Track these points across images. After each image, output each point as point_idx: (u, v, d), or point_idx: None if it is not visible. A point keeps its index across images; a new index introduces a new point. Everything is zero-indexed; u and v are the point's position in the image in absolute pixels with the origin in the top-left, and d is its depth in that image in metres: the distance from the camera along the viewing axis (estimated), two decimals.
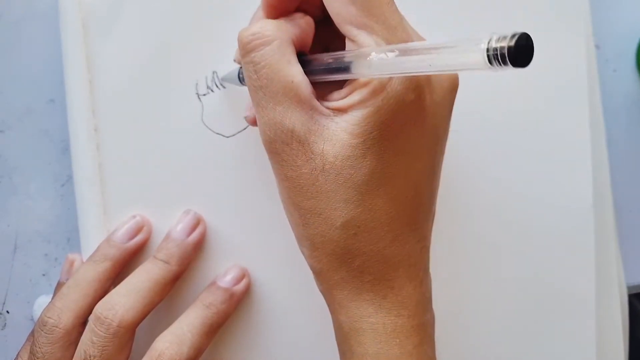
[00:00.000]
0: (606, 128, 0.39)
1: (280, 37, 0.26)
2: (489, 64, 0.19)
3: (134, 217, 0.36)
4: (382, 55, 0.23)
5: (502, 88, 0.37)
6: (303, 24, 0.28)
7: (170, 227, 0.35)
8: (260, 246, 0.36)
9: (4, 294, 0.39)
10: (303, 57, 0.27)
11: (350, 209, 0.26)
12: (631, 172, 0.42)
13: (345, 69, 0.25)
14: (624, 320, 0.39)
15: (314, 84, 0.27)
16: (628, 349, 0.40)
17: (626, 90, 0.42)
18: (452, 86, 0.28)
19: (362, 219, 0.27)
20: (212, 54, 0.36)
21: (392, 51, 0.23)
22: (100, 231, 0.36)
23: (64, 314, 0.32)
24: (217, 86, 0.36)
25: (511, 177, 0.37)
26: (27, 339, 0.35)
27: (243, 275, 0.36)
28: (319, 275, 0.29)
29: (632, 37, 0.42)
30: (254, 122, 0.32)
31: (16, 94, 0.39)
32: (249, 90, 0.27)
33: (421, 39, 0.29)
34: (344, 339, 0.29)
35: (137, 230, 0.35)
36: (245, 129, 0.36)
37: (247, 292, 0.36)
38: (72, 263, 0.36)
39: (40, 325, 0.32)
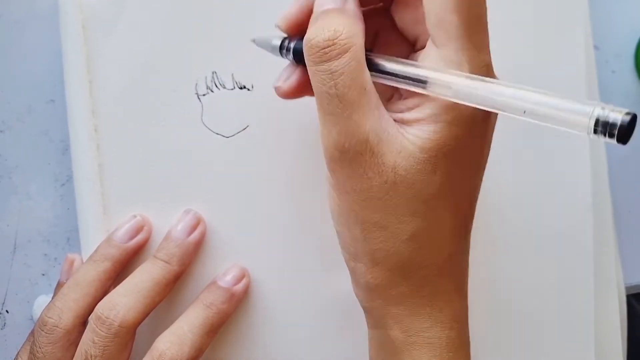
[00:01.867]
0: None
1: (356, 42, 0.25)
2: (593, 132, 0.19)
3: (134, 216, 0.36)
4: (472, 85, 0.22)
5: None
6: (361, 15, 0.27)
7: (170, 226, 0.35)
8: (261, 246, 0.37)
9: (3, 293, 0.39)
10: (369, 54, 0.26)
11: (418, 221, 0.26)
12: (630, 172, 0.42)
13: (422, 82, 0.24)
14: (623, 321, 0.40)
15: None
16: (626, 349, 0.40)
17: (625, 90, 0.42)
18: None
19: (427, 232, 0.27)
20: (212, 55, 0.36)
21: (482, 85, 0.22)
22: (100, 231, 0.36)
23: (65, 314, 0.32)
24: (216, 86, 0.36)
25: (509, 177, 0.37)
26: (27, 339, 0.35)
27: (243, 274, 0.36)
28: (373, 291, 0.28)
29: (631, 38, 0.42)
30: (287, 94, 0.30)
31: (16, 94, 0.39)
32: (320, 97, 0.26)
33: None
34: (394, 353, 0.28)
35: (138, 230, 0.35)
36: (244, 129, 0.36)
37: (247, 291, 0.36)
38: (71, 263, 0.36)
39: (40, 325, 0.32)
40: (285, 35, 0.30)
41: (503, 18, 0.37)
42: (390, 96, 0.29)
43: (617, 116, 0.18)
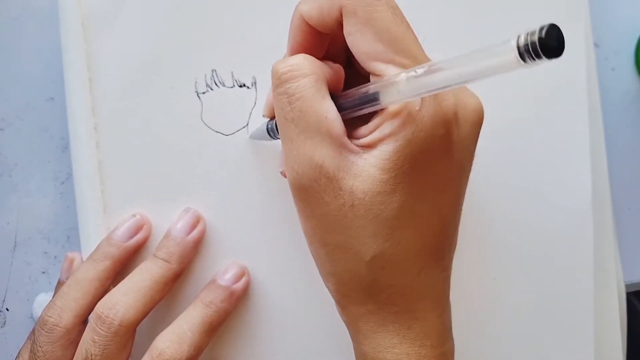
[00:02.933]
0: (605, 126, 0.39)
1: (316, 72, 0.26)
2: (522, 61, 0.19)
3: (134, 215, 0.36)
4: (412, 72, 0.23)
5: (500, 87, 0.37)
6: (336, 68, 0.28)
7: (170, 225, 0.35)
8: (260, 244, 0.37)
9: (3, 291, 0.39)
10: (333, 95, 0.27)
11: (379, 243, 0.26)
12: (630, 170, 0.42)
13: (375, 99, 0.25)
14: (622, 319, 0.40)
15: (344, 121, 0.27)
16: (626, 346, 0.40)
17: (625, 88, 0.42)
18: (478, 120, 0.28)
19: (390, 253, 0.27)
20: (212, 53, 0.36)
21: (422, 68, 0.23)
22: (100, 229, 0.36)
23: (65, 313, 0.32)
24: (216, 84, 0.36)
25: (509, 175, 0.37)
26: (28, 338, 0.35)
27: (243, 273, 0.36)
28: (344, 308, 0.29)
29: (631, 36, 0.42)
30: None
31: (16, 92, 0.39)
32: (279, 124, 0.27)
33: None
34: None
35: (137, 229, 0.35)
36: (244, 127, 0.36)
37: (246, 290, 0.36)
38: (71, 262, 0.36)
39: (40, 324, 0.32)
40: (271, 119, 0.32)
41: (502, 18, 0.37)
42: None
43: (534, 35, 0.19)
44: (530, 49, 0.19)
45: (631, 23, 0.42)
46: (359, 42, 0.26)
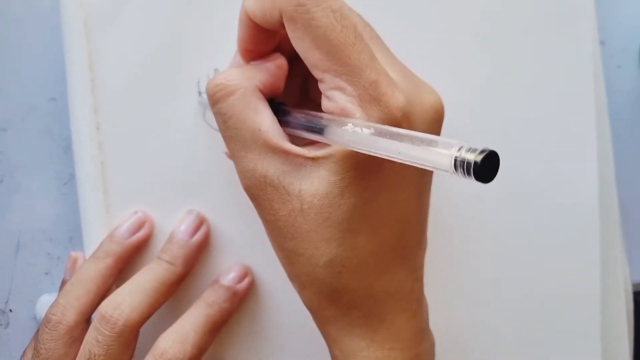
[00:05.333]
0: (611, 124, 0.39)
1: (244, 85, 0.27)
2: (454, 170, 0.19)
3: (136, 213, 0.36)
4: (357, 129, 0.23)
5: (507, 85, 0.37)
6: (272, 67, 0.28)
7: (173, 227, 0.35)
8: (263, 244, 0.36)
9: (7, 292, 0.39)
10: (282, 107, 0.28)
11: (332, 247, 0.26)
12: (636, 168, 0.42)
13: (319, 131, 0.25)
14: (629, 318, 0.39)
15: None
16: (633, 346, 0.39)
17: (631, 86, 0.42)
18: (437, 116, 0.28)
19: (345, 257, 0.26)
20: (214, 52, 0.36)
21: (369, 128, 0.23)
22: (102, 229, 0.36)
23: (68, 311, 0.32)
24: None
25: (516, 174, 0.37)
26: (33, 337, 0.35)
27: (246, 273, 0.36)
28: (310, 311, 0.29)
29: (637, 33, 0.42)
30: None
31: (18, 93, 0.39)
32: (223, 140, 0.28)
33: (405, 71, 0.28)
34: None
35: (139, 226, 0.35)
36: None
37: (250, 290, 0.36)
38: (75, 261, 0.36)
39: (44, 322, 0.32)
40: None
41: (508, 14, 0.37)
42: None
43: (472, 154, 0.19)
44: (464, 167, 0.19)
45: (637, 20, 0.42)
46: (299, 47, 0.26)
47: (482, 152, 0.19)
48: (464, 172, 0.19)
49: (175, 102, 0.36)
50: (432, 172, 0.29)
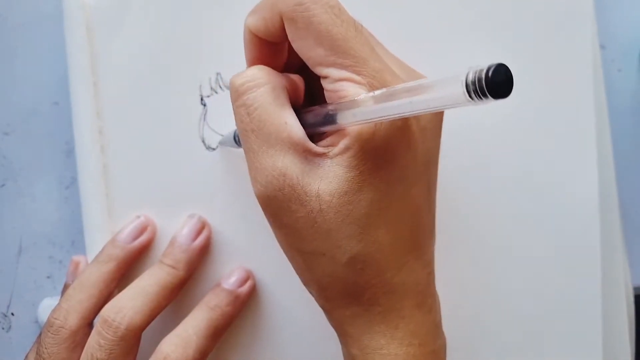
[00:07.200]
0: (611, 128, 0.39)
1: (272, 81, 0.26)
2: (470, 99, 0.19)
3: (138, 217, 0.36)
4: (368, 97, 0.23)
5: None
6: (294, 78, 0.28)
7: (175, 231, 0.35)
8: (265, 248, 0.36)
9: (9, 296, 0.39)
10: (295, 108, 0.28)
11: (354, 244, 0.26)
12: (636, 171, 0.42)
13: (333, 120, 0.25)
14: (630, 321, 0.39)
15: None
16: (634, 349, 0.39)
17: (631, 89, 0.42)
18: None
19: (366, 252, 0.26)
20: (216, 56, 0.36)
21: (374, 96, 0.23)
22: (104, 233, 0.36)
23: (70, 315, 0.32)
24: (220, 88, 0.36)
25: (516, 176, 0.37)
26: (35, 341, 0.35)
27: (248, 277, 0.36)
28: (329, 313, 0.29)
29: (637, 37, 0.42)
30: None
31: (21, 97, 0.39)
32: (241, 137, 0.27)
33: (402, 64, 0.29)
34: None
35: (142, 230, 0.35)
36: None
37: (251, 294, 0.36)
38: (77, 265, 0.36)
39: (47, 326, 0.32)
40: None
41: (509, 17, 0.37)
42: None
43: (481, 74, 0.18)
44: (477, 89, 0.18)
45: (637, 24, 0.42)
46: (302, 48, 0.26)
47: (489, 67, 0.18)
48: (478, 95, 0.18)
49: (177, 105, 0.36)
50: (437, 164, 0.29)
